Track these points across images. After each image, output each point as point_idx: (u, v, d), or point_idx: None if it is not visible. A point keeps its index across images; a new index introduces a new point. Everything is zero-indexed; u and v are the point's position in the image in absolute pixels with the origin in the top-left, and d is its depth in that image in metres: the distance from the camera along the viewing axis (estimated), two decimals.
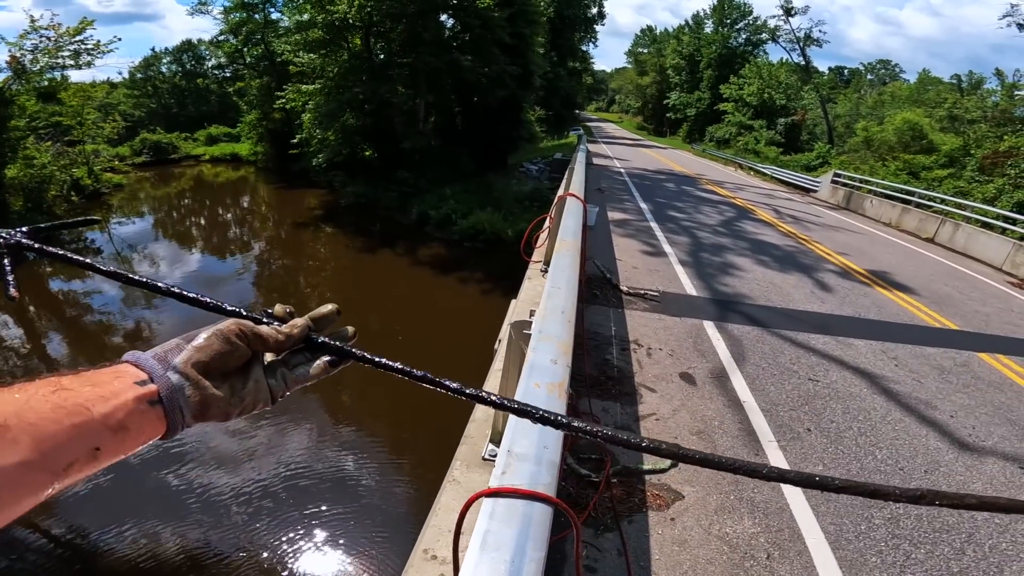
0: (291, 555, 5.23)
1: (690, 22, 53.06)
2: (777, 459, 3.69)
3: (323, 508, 5.84)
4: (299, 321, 0.61)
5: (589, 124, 63.42)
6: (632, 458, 3.49)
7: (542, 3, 32.67)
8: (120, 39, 20.28)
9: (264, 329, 0.59)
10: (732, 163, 30.78)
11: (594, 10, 48.29)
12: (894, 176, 20.13)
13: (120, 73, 43.21)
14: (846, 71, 62.20)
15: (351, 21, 18.26)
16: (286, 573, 5.04)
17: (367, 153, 20.62)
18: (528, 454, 1.24)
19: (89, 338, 10.43)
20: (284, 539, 5.41)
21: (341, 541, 5.43)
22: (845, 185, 18.50)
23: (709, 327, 5.81)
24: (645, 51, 69.55)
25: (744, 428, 4.02)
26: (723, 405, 4.32)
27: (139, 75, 40.95)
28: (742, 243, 10.02)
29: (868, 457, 3.83)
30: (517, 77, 21.09)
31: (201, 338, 0.55)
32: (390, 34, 19.88)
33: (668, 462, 3.43)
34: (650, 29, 71.38)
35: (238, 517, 5.66)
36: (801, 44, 37.84)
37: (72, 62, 18.83)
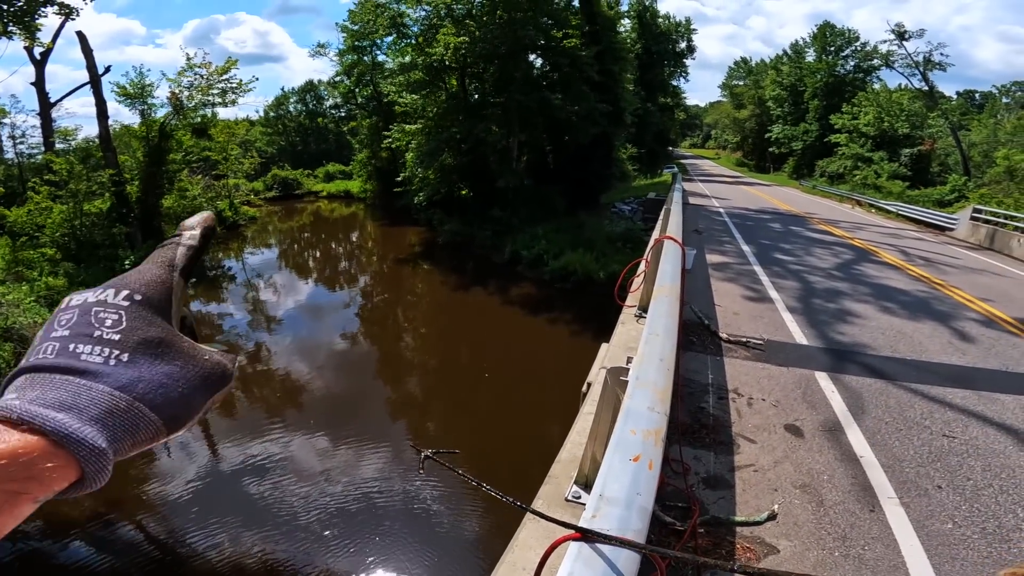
0: (358, 573, 5.40)
1: (789, 51, 50.53)
2: (897, 516, 3.33)
3: (393, 531, 6.02)
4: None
5: (683, 161, 61.99)
6: (723, 508, 3.25)
7: (628, 40, 32.99)
8: (257, 79, 22.34)
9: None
10: (849, 199, 28.31)
11: (683, 44, 47.82)
12: None
13: (257, 111, 47.57)
14: (977, 95, 55.60)
15: (447, 63, 19.44)
16: None
17: (463, 192, 21.62)
18: (619, 498, 1.20)
19: None
20: (352, 557, 5.61)
21: (408, 567, 5.52)
22: (987, 222, 16.27)
23: (821, 378, 5.32)
24: (741, 83, 66.89)
25: (858, 483, 3.64)
26: (834, 459, 3.92)
27: (272, 114, 45.36)
28: (862, 288, 9.11)
29: (1008, 515, 3.36)
30: (607, 114, 21.18)
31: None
32: (483, 74, 20.94)
33: (764, 514, 3.16)
34: (744, 61, 68.87)
35: (310, 529, 6.01)
36: (921, 68, 34.53)
37: (220, 100, 20.18)
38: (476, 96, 21.74)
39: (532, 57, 21.52)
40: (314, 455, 7.53)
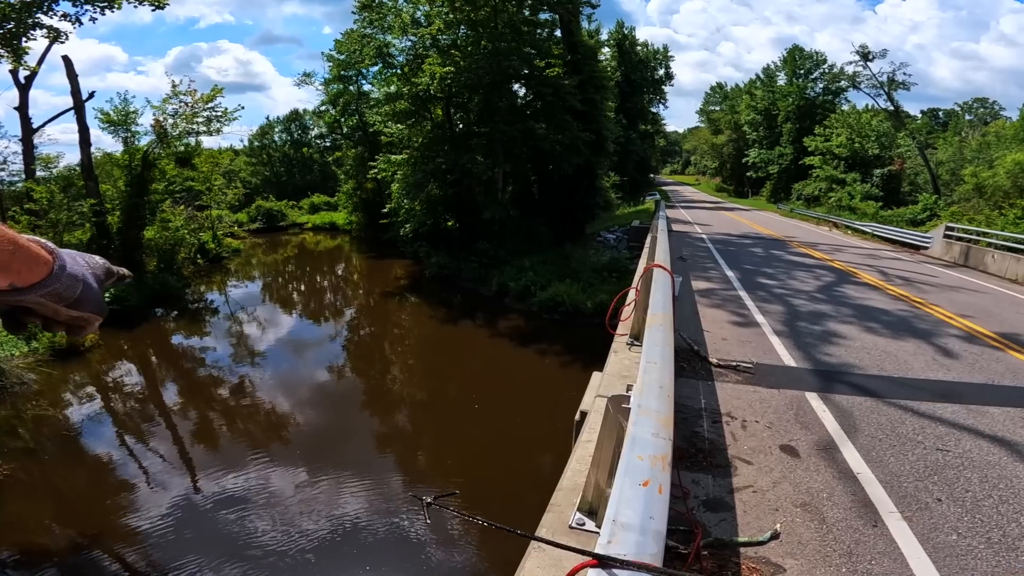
0: None
1: (761, 75, 51.91)
2: (900, 530, 3.33)
3: (385, 567, 5.84)
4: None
5: (665, 188, 63.20)
6: (725, 530, 3.23)
7: (609, 68, 33.82)
8: (243, 107, 21.92)
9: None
10: (826, 222, 29.04)
11: (661, 72, 49.16)
12: (1014, 225, 17.97)
13: (241, 141, 46.99)
14: (941, 113, 57.76)
15: (433, 92, 19.60)
16: None
17: (449, 224, 21.59)
18: (633, 524, 1.20)
19: (200, 389, 11.48)
20: None
21: None
22: (960, 239, 16.78)
23: (812, 398, 5.37)
24: (717, 108, 68.51)
25: (858, 500, 3.65)
26: (832, 477, 3.94)
27: (256, 143, 44.74)
28: (845, 309, 9.29)
29: (1012, 525, 3.39)
30: (590, 143, 21.39)
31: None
32: (468, 104, 21.15)
33: (767, 534, 3.14)
34: (720, 86, 70.69)
35: (297, 564, 5.85)
36: (886, 89, 35.94)
37: (205, 128, 19.80)
38: (461, 126, 21.90)
39: (516, 87, 21.82)
40: (300, 490, 7.34)
